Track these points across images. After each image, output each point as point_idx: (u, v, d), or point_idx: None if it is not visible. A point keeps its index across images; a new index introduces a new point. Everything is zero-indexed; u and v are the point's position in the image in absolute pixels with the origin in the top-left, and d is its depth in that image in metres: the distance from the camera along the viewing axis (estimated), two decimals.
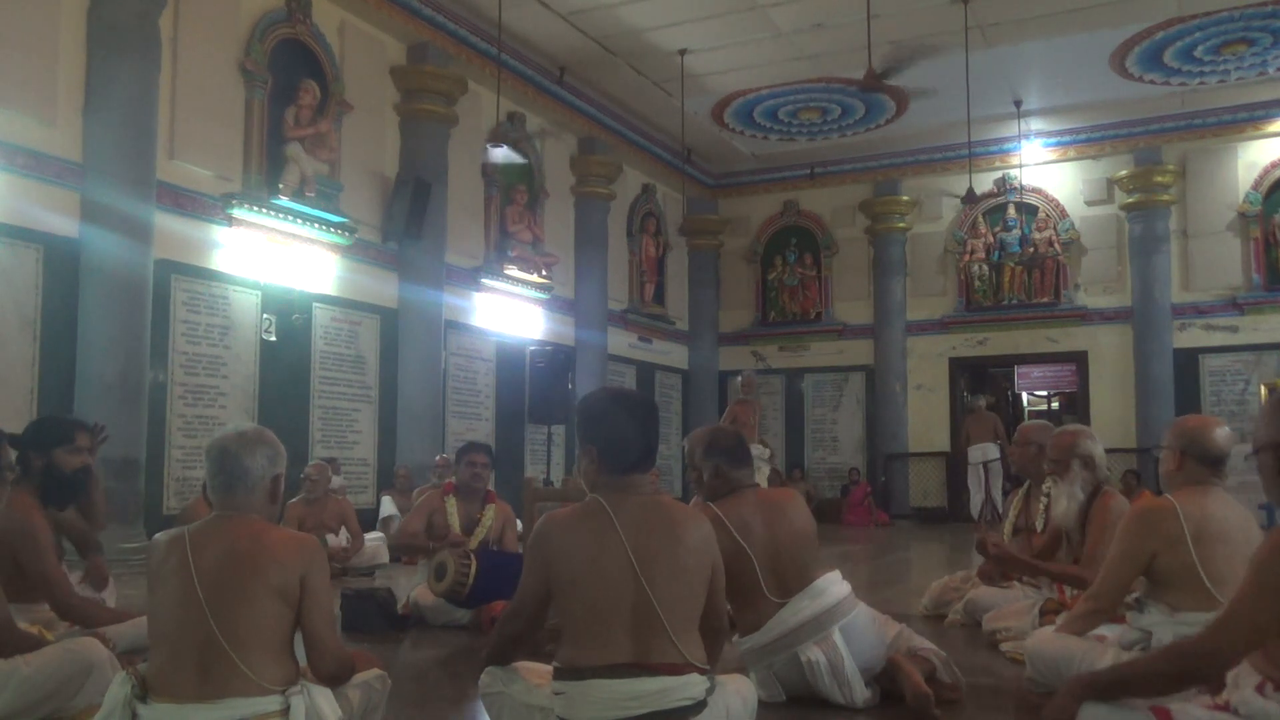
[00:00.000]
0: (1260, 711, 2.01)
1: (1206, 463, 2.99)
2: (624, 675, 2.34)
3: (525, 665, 2.64)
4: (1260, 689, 2.04)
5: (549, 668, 2.52)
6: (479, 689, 2.65)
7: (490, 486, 5.64)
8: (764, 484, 9.43)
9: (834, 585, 3.31)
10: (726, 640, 2.79)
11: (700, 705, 2.39)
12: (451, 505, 5.45)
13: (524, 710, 2.53)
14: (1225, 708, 2.09)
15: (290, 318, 9.27)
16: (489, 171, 11.77)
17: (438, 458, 9.17)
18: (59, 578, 3.44)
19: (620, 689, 2.34)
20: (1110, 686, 2.15)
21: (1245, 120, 13.49)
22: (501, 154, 10.23)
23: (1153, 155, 13.90)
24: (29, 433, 3.68)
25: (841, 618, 3.24)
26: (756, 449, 9.68)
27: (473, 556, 4.96)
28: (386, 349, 10.29)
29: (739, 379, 11.34)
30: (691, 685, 2.39)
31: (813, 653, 3.19)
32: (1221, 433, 3.03)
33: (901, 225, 15.31)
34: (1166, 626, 2.92)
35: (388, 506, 9.39)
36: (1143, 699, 2.12)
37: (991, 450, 12.74)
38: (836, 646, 3.19)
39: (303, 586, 2.31)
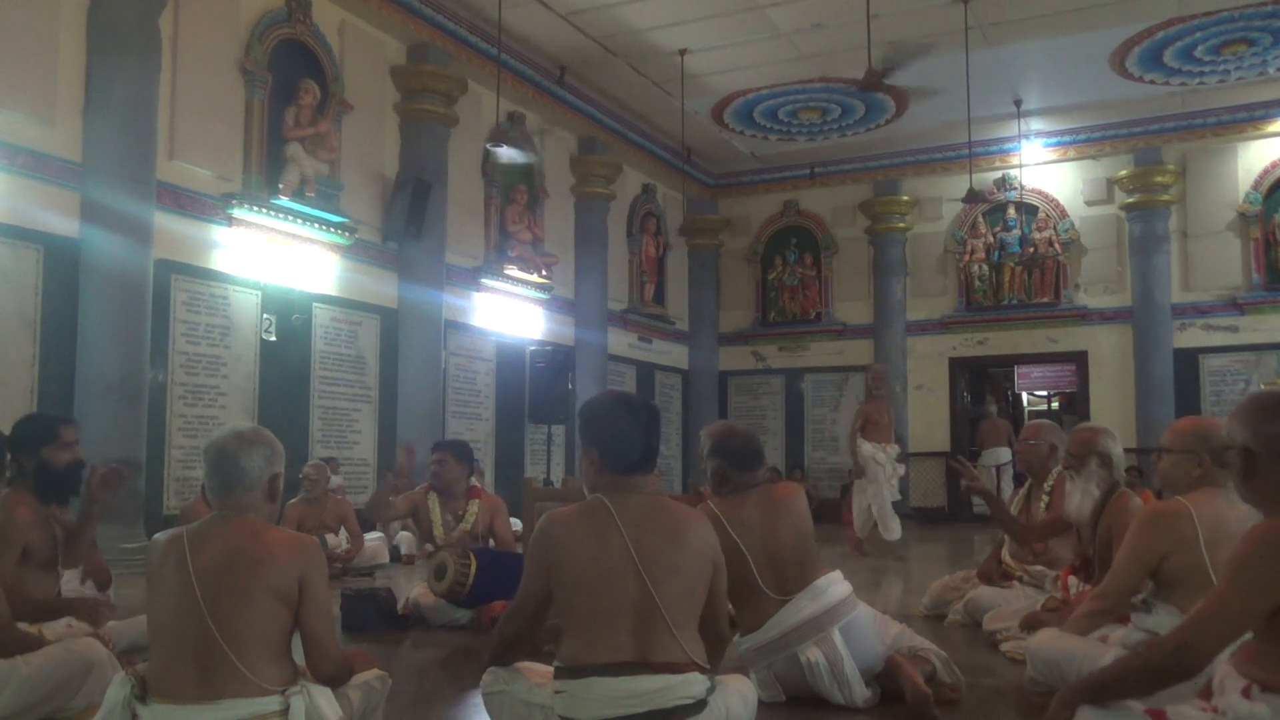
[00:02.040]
0: (1248, 714, 2.02)
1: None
2: (625, 673, 2.35)
3: (527, 665, 2.65)
4: (1245, 692, 2.05)
5: (550, 668, 2.52)
6: (481, 688, 2.66)
7: (475, 483, 5.64)
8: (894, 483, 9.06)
9: (834, 585, 3.31)
10: (728, 644, 2.79)
11: (701, 705, 2.39)
12: (434, 502, 5.49)
13: (524, 708, 2.53)
14: (1218, 710, 2.10)
15: (290, 318, 9.27)
16: (489, 171, 11.77)
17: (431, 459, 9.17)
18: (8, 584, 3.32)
19: (621, 687, 2.34)
20: (1098, 690, 2.15)
21: (1245, 120, 13.48)
22: (504, 154, 10.17)
23: (1153, 155, 13.89)
24: (15, 435, 3.64)
25: (842, 618, 3.24)
26: (894, 449, 9.11)
27: (472, 556, 4.95)
28: (386, 349, 10.28)
29: (867, 373, 9.98)
30: (692, 684, 2.39)
31: (812, 653, 3.19)
32: None
33: (901, 225, 15.30)
34: (1170, 627, 2.92)
35: None
36: (1132, 699, 2.13)
37: (1004, 454, 13.04)
38: (836, 647, 3.20)
39: (301, 587, 2.31)
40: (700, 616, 2.52)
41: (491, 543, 5.46)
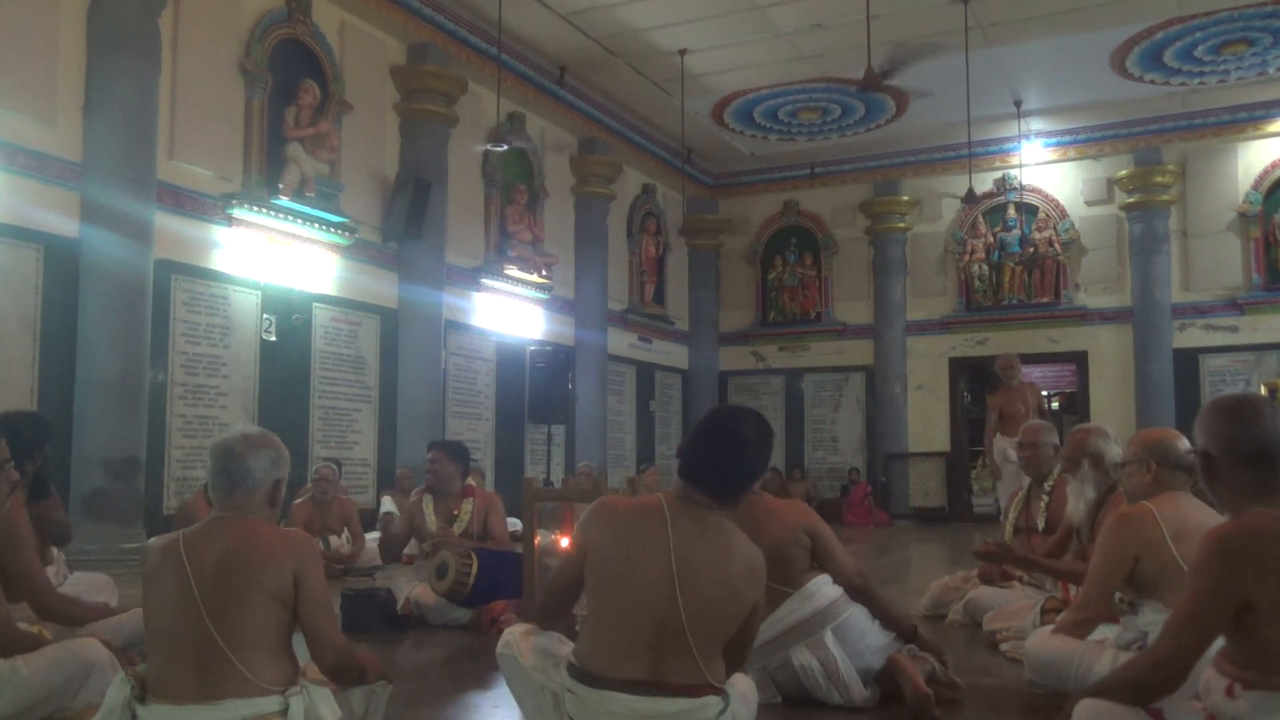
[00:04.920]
0: (1233, 712, 2.05)
1: (1181, 469, 3.09)
2: (641, 692, 2.29)
3: (553, 641, 2.60)
4: (1229, 691, 2.08)
5: (567, 647, 2.50)
6: (498, 648, 2.62)
7: (470, 482, 5.66)
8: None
9: (824, 587, 3.31)
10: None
11: None
12: (428, 504, 5.50)
13: (537, 688, 2.51)
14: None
15: (290, 318, 9.27)
16: (489, 171, 11.77)
17: (426, 458, 9.19)
18: (39, 576, 3.40)
19: (636, 705, 2.29)
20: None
21: (1245, 120, 13.49)
22: (497, 150, 10.12)
23: (1153, 155, 13.90)
24: (26, 434, 3.64)
25: (833, 619, 3.24)
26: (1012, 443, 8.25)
27: (474, 556, 4.96)
28: (386, 349, 10.28)
29: (996, 362, 9.04)
30: (707, 707, 2.33)
31: (805, 657, 3.19)
32: (1185, 441, 3.14)
33: (901, 225, 15.31)
34: (1161, 624, 2.94)
35: (388, 507, 9.40)
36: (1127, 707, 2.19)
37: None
38: (829, 649, 3.19)
39: (296, 583, 2.32)
40: (727, 642, 2.43)
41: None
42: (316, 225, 9.35)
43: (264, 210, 8.85)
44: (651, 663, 2.30)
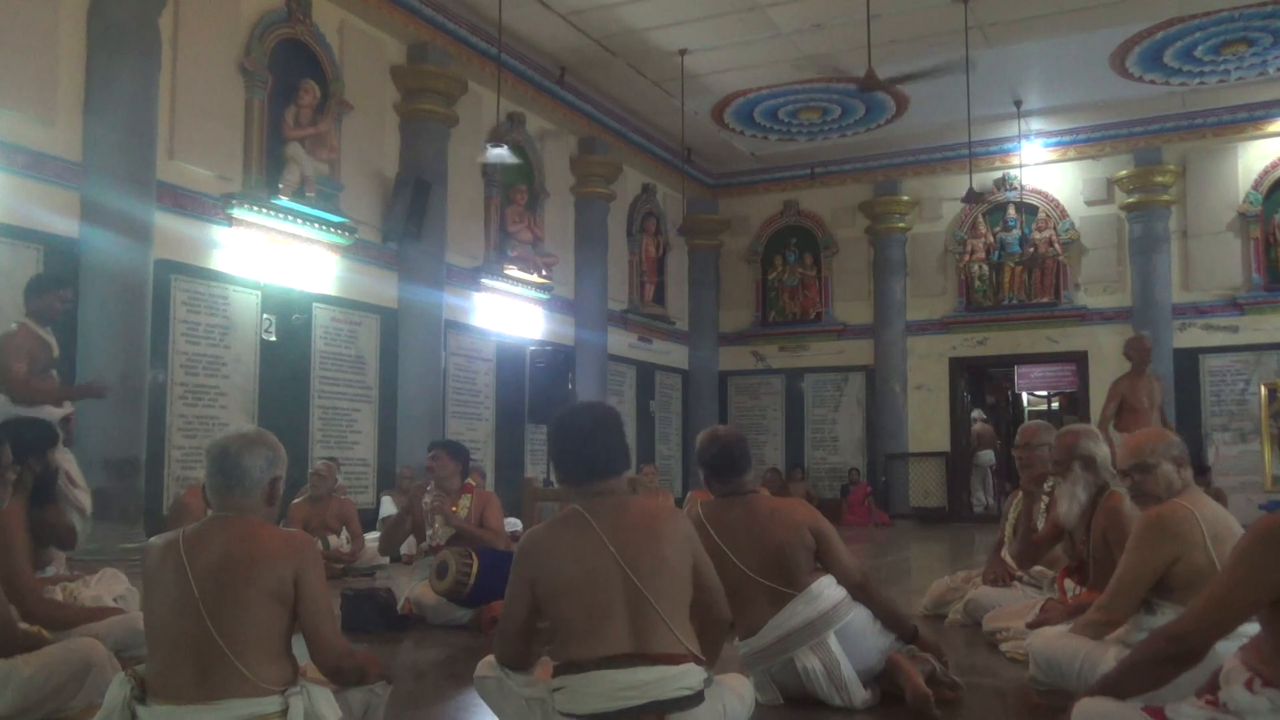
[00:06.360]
0: (1248, 706, 2.05)
1: (1199, 469, 3.04)
2: (623, 665, 2.37)
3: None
4: (1249, 685, 2.07)
5: (548, 662, 2.55)
6: (475, 673, 2.69)
7: (470, 481, 5.68)
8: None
9: (829, 589, 3.30)
10: (728, 636, 2.80)
11: (698, 697, 2.40)
12: (428, 497, 5.53)
13: (522, 703, 2.55)
14: (1217, 704, 2.12)
15: (290, 318, 9.27)
16: (489, 171, 11.76)
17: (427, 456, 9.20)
18: (26, 580, 3.38)
19: (619, 679, 2.36)
20: (1107, 690, 2.20)
21: (1245, 120, 13.49)
22: (496, 155, 10.12)
23: (1153, 155, 13.89)
24: (29, 438, 3.64)
25: (837, 622, 3.23)
26: None
27: (474, 555, 4.97)
28: (386, 349, 10.28)
29: (1129, 343, 7.75)
30: (689, 675, 2.42)
31: (809, 660, 3.19)
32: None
33: (901, 225, 15.31)
34: None
35: (388, 507, 9.40)
36: (1140, 693, 2.17)
37: (991, 455, 13.60)
38: (832, 651, 3.19)
39: (297, 584, 2.32)
40: (696, 604, 2.56)
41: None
42: (316, 225, 9.35)
43: (264, 210, 8.85)
44: (630, 638, 2.41)
